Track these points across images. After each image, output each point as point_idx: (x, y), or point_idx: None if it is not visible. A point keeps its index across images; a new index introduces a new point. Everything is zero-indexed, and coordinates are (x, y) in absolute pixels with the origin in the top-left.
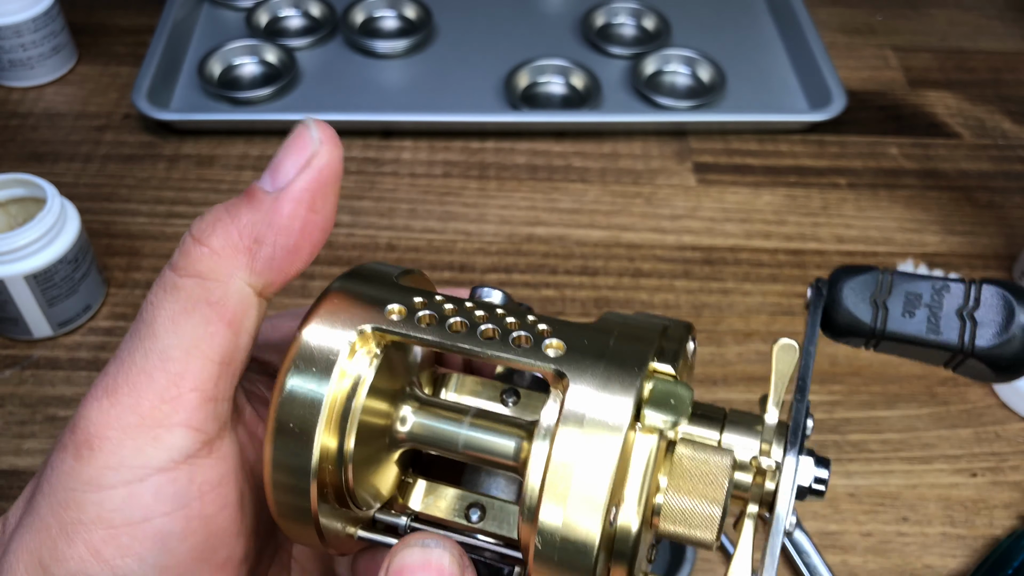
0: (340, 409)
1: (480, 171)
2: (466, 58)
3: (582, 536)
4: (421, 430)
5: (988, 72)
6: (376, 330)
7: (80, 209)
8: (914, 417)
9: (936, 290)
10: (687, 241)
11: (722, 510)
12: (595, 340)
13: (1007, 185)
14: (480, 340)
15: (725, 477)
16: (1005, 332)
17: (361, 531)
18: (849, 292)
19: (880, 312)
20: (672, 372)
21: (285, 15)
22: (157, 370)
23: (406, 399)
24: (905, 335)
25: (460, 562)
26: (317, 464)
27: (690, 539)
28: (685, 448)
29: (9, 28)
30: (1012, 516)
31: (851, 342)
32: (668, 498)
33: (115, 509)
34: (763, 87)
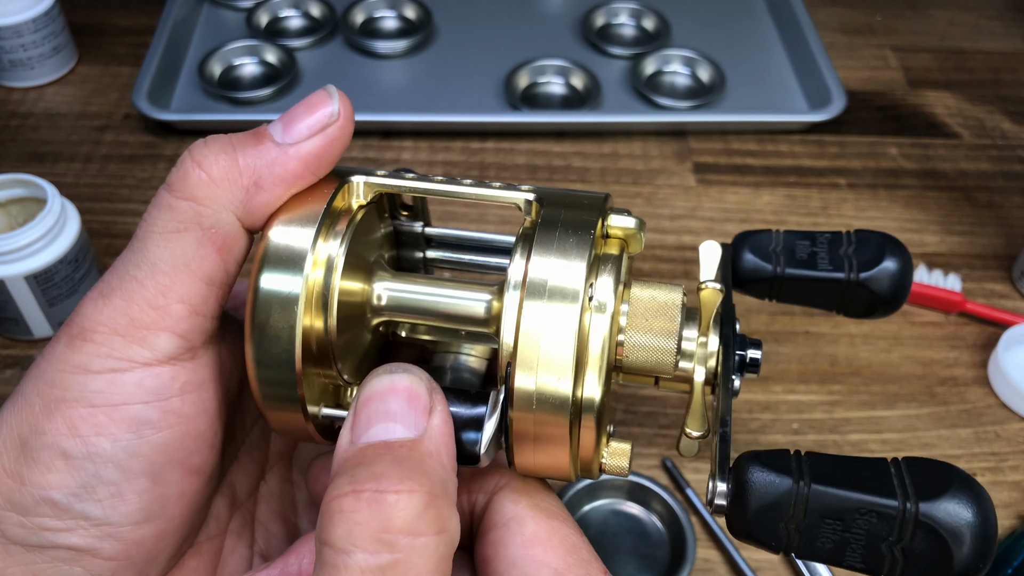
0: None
1: (480, 171)
2: (466, 58)
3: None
4: (395, 301)
5: (988, 72)
6: (366, 183)
7: (80, 209)
8: (914, 417)
9: (822, 239)
10: (687, 241)
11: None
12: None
13: (1006, 185)
14: (459, 183)
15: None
16: (878, 264)
17: (325, 409)
18: (749, 249)
19: (779, 259)
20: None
21: (285, 15)
22: (148, 279)
23: (378, 272)
24: (801, 275)
25: (427, 385)
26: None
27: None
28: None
29: (9, 28)
30: (1012, 516)
31: (755, 290)
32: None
33: (97, 391)
34: (763, 87)
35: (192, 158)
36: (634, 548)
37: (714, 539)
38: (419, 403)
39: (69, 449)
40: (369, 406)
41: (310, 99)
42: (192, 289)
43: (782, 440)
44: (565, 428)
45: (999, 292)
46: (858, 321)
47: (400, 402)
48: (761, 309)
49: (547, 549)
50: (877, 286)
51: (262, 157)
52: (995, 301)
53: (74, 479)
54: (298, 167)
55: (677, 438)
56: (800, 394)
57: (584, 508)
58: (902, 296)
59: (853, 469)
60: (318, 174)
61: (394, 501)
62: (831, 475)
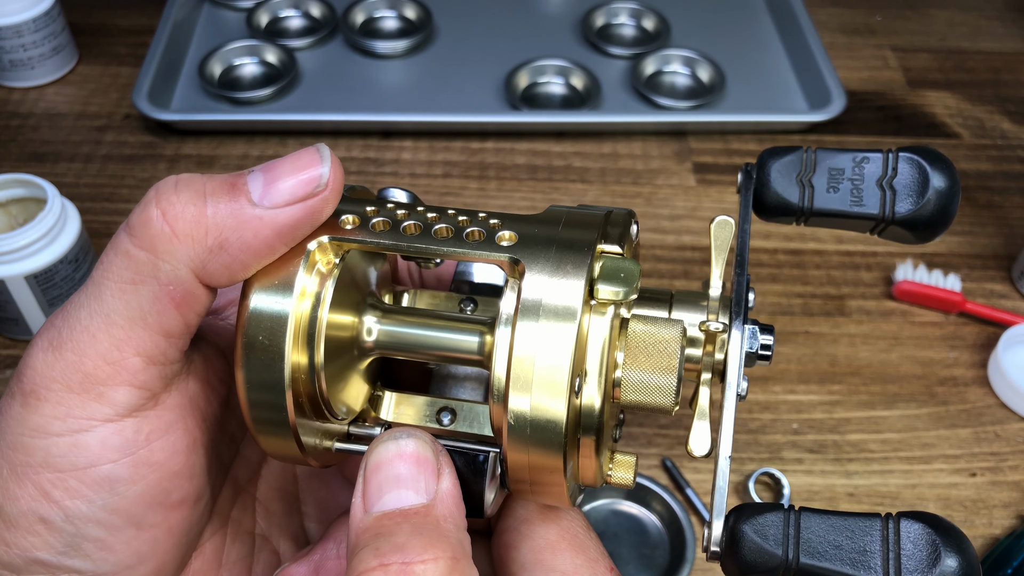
0: (306, 322)
1: (480, 171)
2: (466, 58)
3: (550, 404)
4: (387, 337)
5: (987, 72)
6: (333, 240)
7: (81, 209)
8: (914, 417)
9: (857, 163)
10: (687, 241)
11: (677, 377)
12: (544, 228)
13: (1006, 185)
14: (435, 239)
15: (677, 344)
16: (921, 198)
17: (338, 443)
18: (777, 174)
19: (807, 190)
20: (619, 250)
21: (285, 15)
22: (101, 332)
23: (368, 309)
24: (830, 210)
25: (432, 448)
26: (290, 375)
27: (651, 406)
28: (638, 324)
29: (9, 28)
30: (1011, 516)
31: (782, 221)
32: (626, 371)
33: (61, 455)
34: (763, 87)
35: (158, 204)
36: (634, 548)
37: None
38: (428, 467)
39: (46, 515)
40: (379, 473)
41: (299, 158)
42: (149, 342)
43: (782, 440)
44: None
45: (999, 292)
46: (858, 321)
47: (409, 467)
48: (760, 309)
49: (555, 553)
50: (913, 226)
51: (234, 217)
52: (995, 301)
53: (57, 540)
54: (270, 237)
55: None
56: (800, 394)
57: (584, 508)
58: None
59: (845, 535)
60: (291, 244)
61: (422, 572)
62: (821, 545)
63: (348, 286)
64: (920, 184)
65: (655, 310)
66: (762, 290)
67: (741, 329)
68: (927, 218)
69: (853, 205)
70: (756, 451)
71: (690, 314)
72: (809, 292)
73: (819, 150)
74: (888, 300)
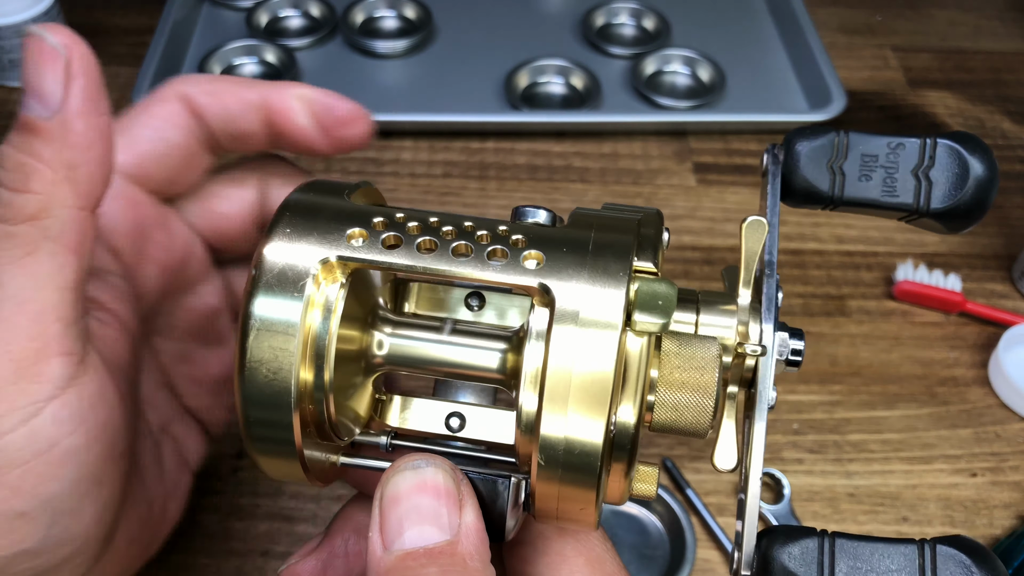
0: (314, 342)
1: (480, 171)
2: (466, 58)
3: (586, 444)
4: (399, 352)
5: (988, 72)
6: (341, 259)
7: None
8: (914, 417)
9: (892, 149)
10: (687, 241)
11: (715, 400)
12: (574, 246)
13: (1007, 185)
14: (453, 258)
15: (715, 365)
16: (959, 190)
17: (344, 458)
18: (806, 160)
19: (837, 178)
20: (654, 269)
21: (285, 15)
22: (16, 315)
23: (378, 322)
24: (862, 199)
25: (454, 476)
26: (297, 398)
27: (685, 429)
28: (671, 342)
29: (9, 28)
30: (1012, 516)
31: (809, 207)
32: (661, 392)
33: (20, 448)
34: (763, 87)
35: (4, 185)
36: (634, 548)
37: (714, 539)
38: (451, 499)
39: (23, 508)
40: (398, 507)
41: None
42: (61, 302)
43: (782, 440)
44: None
45: (999, 292)
46: (858, 321)
47: (430, 500)
48: None
49: (572, 568)
50: (947, 219)
51: (53, 142)
52: (995, 301)
53: (38, 527)
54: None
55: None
56: (800, 394)
57: None
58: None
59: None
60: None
61: None
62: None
63: (357, 296)
64: (959, 177)
65: (682, 313)
66: None
67: (772, 339)
68: (965, 210)
69: (885, 195)
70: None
71: (719, 318)
72: (809, 292)
73: (851, 133)
74: (888, 300)
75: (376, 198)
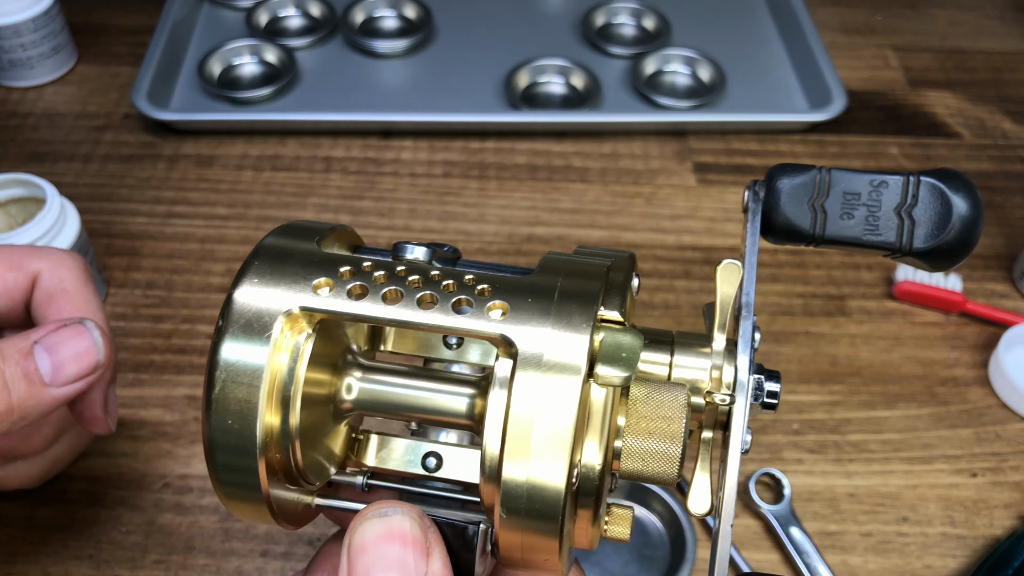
0: (280, 390)
1: (480, 171)
2: (466, 58)
3: (547, 496)
4: (368, 397)
5: (988, 72)
6: (304, 309)
7: (80, 209)
8: (914, 417)
9: (874, 187)
10: (687, 241)
11: (681, 447)
12: (539, 296)
13: (1007, 185)
14: (418, 309)
15: (682, 415)
16: (942, 229)
17: (318, 499)
18: (787, 198)
19: (819, 216)
20: (620, 319)
21: (285, 15)
22: None
23: (348, 367)
24: (844, 238)
25: (421, 524)
26: (263, 442)
27: (652, 478)
28: (639, 389)
29: (9, 28)
30: (1012, 516)
31: (791, 244)
32: (628, 441)
33: None
34: (763, 87)
35: None
36: (634, 548)
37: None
38: (417, 547)
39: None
40: (364, 555)
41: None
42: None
43: (782, 440)
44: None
45: (1000, 292)
46: (859, 321)
47: (397, 549)
48: (761, 309)
49: None
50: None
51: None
52: (996, 301)
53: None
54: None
55: None
56: (801, 394)
57: None
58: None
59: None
60: None
61: None
62: None
63: (326, 341)
64: (942, 216)
65: (656, 354)
66: (763, 290)
67: (747, 382)
68: (948, 250)
69: (868, 233)
70: (757, 451)
71: (693, 360)
72: (810, 292)
73: (833, 170)
74: (889, 300)
75: (351, 240)
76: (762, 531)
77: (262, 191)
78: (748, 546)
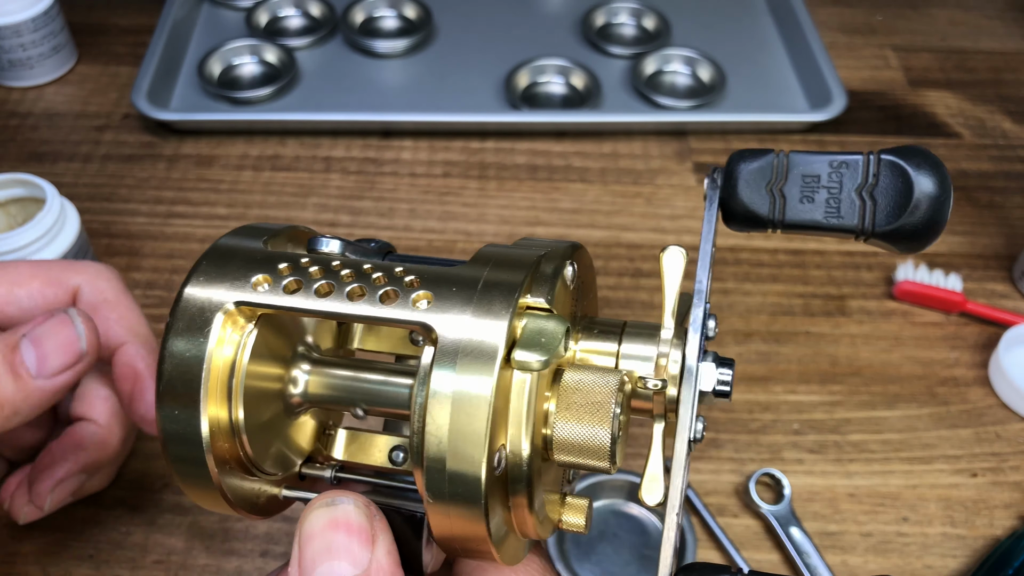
0: (223, 381)
1: (480, 171)
2: (466, 58)
3: (467, 479)
4: (315, 389)
5: (988, 72)
6: (240, 304)
7: (80, 209)
8: (914, 417)
9: (834, 168)
10: (687, 241)
11: (611, 435)
12: (464, 285)
13: (1007, 185)
14: (347, 301)
15: (610, 400)
16: (903, 209)
17: (286, 490)
18: (744, 183)
19: (777, 201)
20: (545, 305)
21: (285, 15)
22: None
23: (297, 360)
24: (804, 222)
25: (366, 512)
26: (208, 434)
27: (587, 467)
28: (572, 374)
29: (9, 28)
30: (1012, 516)
31: (753, 230)
32: (557, 427)
33: None
34: (763, 87)
35: None
36: (634, 548)
37: (714, 539)
38: (362, 535)
39: None
40: (312, 543)
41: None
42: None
43: (783, 440)
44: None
45: (1000, 292)
46: (859, 321)
47: (342, 537)
48: (761, 309)
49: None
50: (896, 239)
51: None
52: (996, 301)
53: None
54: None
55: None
56: (801, 394)
57: None
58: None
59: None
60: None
61: None
62: None
63: (275, 335)
64: (903, 194)
65: (602, 342)
66: (763, 290)
67: (695, 369)
68: (911, 230)
69: (829, 217)
70: (757, 451)
71: (641, 347)
72: (810, 292)
73: (792, 153)
74: (889, 300)
75: (307, 238)
76: (762, 531)
77: (262, 191)
78: (748, 546)
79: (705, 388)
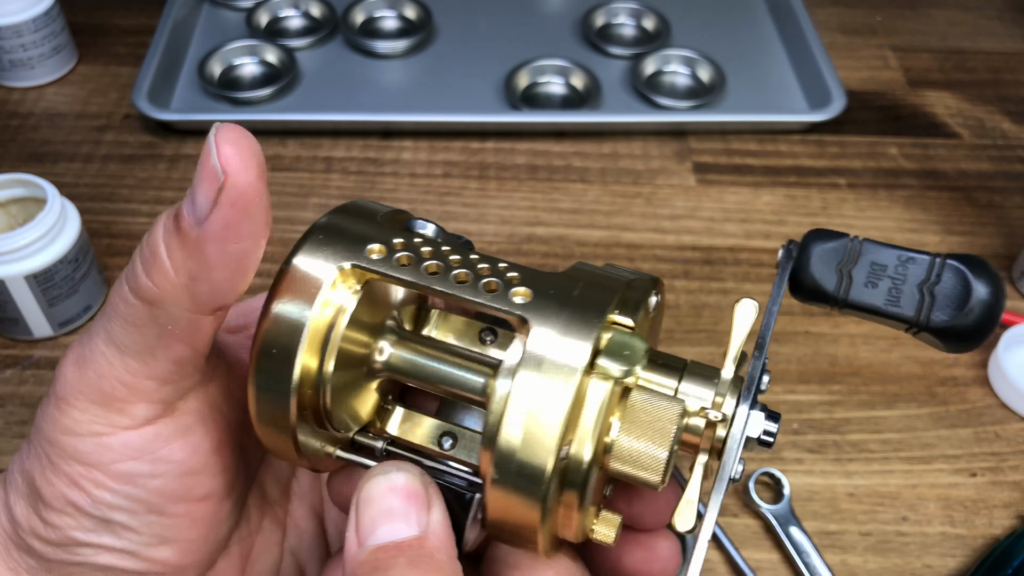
0: (322, 335)
1: (480, 171)
2: (466, 58)
3: (535, 466)
4: (397, 361)
5: (988, 72)
6: (355, 267)
7: (80, 209)
8: (914, 417)
9: (902, 262)
10: (687, 241)
11: (668, 454)
12: (560, 290)
13: (1007, 185)
14: (453, 283)
15: (673, 424)
16: (960, 310)
17: (339, 451)
18: (817, 259)
19: (844, 281)
20: (631, 324)
21: (285, 15)
22: (116, 359)
23: (386, 332)
24: (865, 304)
25: (422, 480)
26: (298, 380)
27: (638, 479)
28: (640, 394)
29: (9, 28)
30: (1011, 516)
31: (816, 304)
32: (619, 439)
33: (87, 452)
34: (763, 87)
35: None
36: None
37: (714, 539)
38: (419, 499)
39: (76, 500)
40: (371, 507)
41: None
42: (160, 370)
43: (782, 440)
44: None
45: None
46: (858, 321)
47: (400, 501)
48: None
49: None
50: (946, 337)
51: (186, 248)
52: None
53: (87, 521)
54: (217, 248)
55: None
56: (800, 394)
57: None
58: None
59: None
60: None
61: None
62: None
63: (371, 305)
64: (961, 296)
65: (664, 377)
66: (763, 290)
67: (747, 414)
68: (962, 329)
69: (889, 304)
70: (757, 451)
71: (699, 388)
72: None
73: (865, 241)
74: None
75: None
76: (762, 531)
77: None
78: (747, 546)
79: (752, 435)
